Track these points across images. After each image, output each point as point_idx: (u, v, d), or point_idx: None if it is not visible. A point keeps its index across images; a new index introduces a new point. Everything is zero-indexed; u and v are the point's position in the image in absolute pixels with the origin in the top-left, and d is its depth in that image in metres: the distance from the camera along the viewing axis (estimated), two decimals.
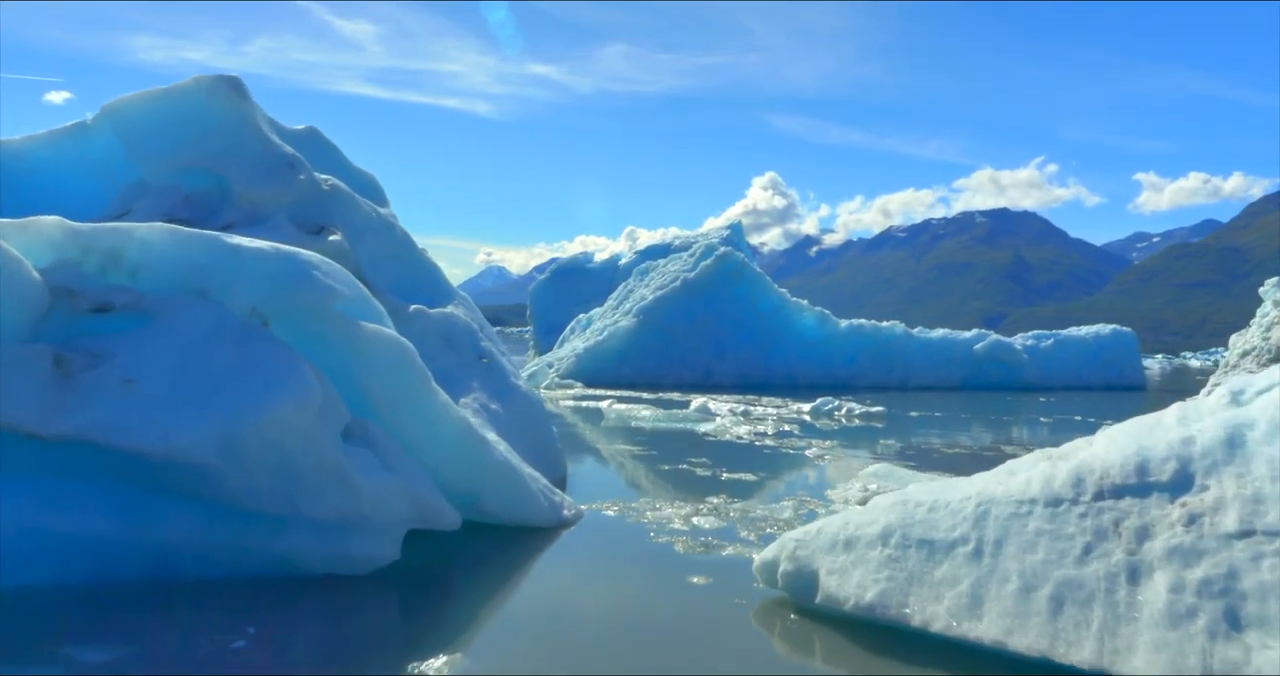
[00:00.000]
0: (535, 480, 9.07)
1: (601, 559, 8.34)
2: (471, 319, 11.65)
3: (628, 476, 12.96)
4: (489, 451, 8.37)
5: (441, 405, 7.98)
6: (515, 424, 10.55)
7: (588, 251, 60.78)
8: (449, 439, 8.03)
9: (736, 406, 22.90)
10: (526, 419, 11.05)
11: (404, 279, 11.28)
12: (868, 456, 15.47)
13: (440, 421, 7.96)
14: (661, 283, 35.44)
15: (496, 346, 12.22)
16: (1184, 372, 74.75)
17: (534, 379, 29.51)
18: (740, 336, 35.29)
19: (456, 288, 12.55)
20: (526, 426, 10.95)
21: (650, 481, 12.40)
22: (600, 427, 19.08)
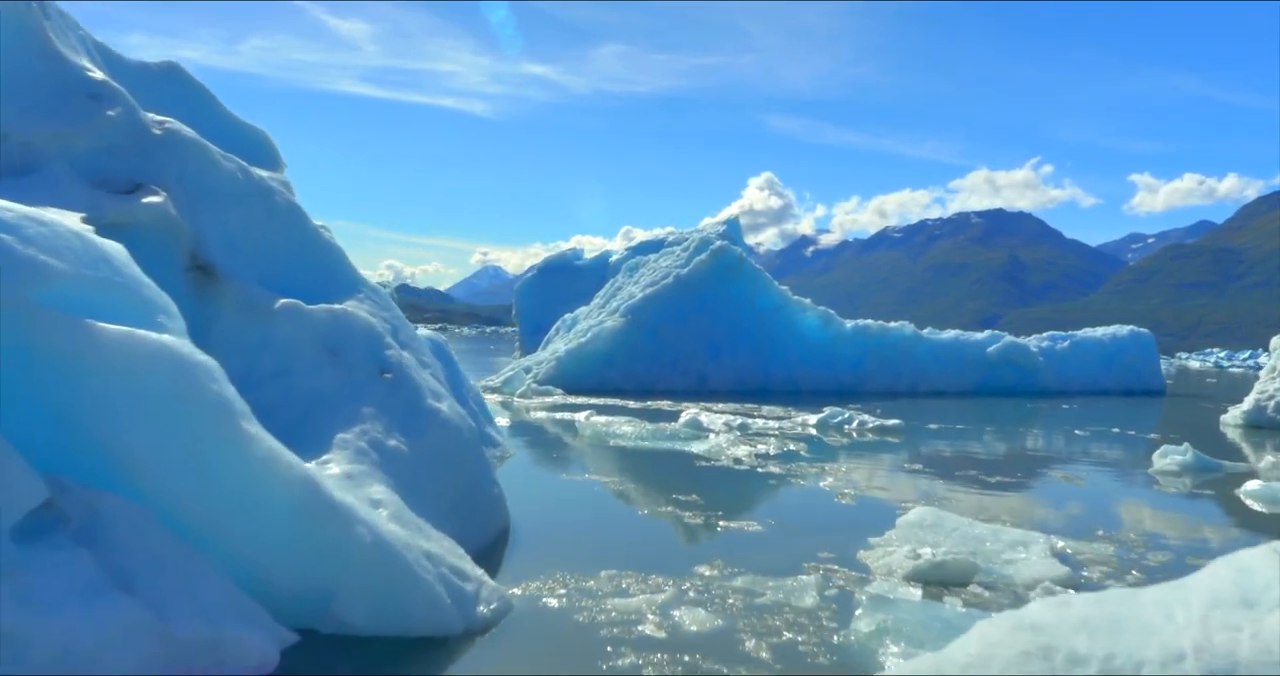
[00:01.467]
0: (434, 562, 6.02)
1: None
2: (381, 319, 8.64)
3: (591, 530, 9.87)
4: (347, 525, 5.32)
5: (261, 458, 4.95)
6: (426, 467, 7.52)
7: (577, 248, 57.70)
8: (275, 511, 5.01)
9: (733, 419, 19.88)
10: (445, 457, 8.03)
11: (281, 264, 8.27)
12: (895, 488, 12.47)
13: (259, 484, 4.92)
14: (652, 279, 32.42)
15: (419, 355, 9.23)
16: (1186, 374, 72.13)
17: (509, 385, 26.49)
18: (737, 338, 32.28)
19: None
20: (445, 469, 7.92)
21: (621, 538, 9.36)
22: (571, 448, 16.06)
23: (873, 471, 14.20)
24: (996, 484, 13.34)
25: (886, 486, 12.57)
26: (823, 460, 14.93)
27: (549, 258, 56.58)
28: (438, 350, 13.84)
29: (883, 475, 13.93)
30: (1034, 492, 13.13)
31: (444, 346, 14.03)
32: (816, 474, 13.28)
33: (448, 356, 13.89)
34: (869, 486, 12.44)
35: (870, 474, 13.88)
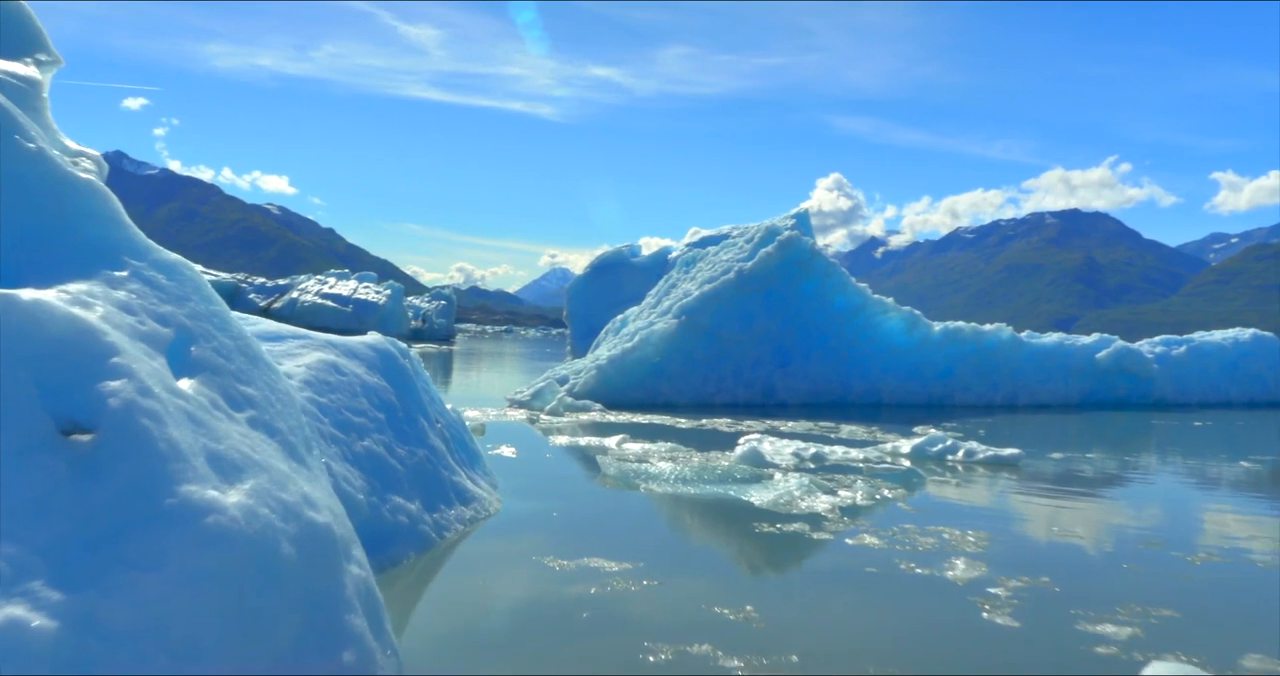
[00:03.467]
0: None
1: None
2: (146, 316, 4.55)
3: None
4: None
5: None
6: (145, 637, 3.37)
7: (634, 244, 53.51)
8: None
9: (804, 447, 15.51)
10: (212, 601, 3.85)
11: None
12: (1081, 593, 8.02)
13: None
14: (711, 275, 28.06)
15: (247, 382, 5.10)
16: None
17: (539, 398, 22.35)
18: (809, 343, 27.79)
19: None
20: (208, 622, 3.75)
21: None
22: (583, 497, 11.84)
23: (1023, 547, 9.73)
24: (1245, 577, 8.84)
25: (1068, 586, 8.12)
26: (937, 521, 10.50)
27: (603, 254, 52.50)
28: (387, 361, 9.75)
29: (1043, 556, 9.47)
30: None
31: (394, 357, 9.90)
32: (937, 552, 8.87)
33: (398, 371, 9.77)
34: (1034, 583, 8.01)
35: (1023, 552, 9.43)
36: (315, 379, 8.31)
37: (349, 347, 9.44)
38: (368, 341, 9.90)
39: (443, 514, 8.93)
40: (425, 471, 9.07)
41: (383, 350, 9.86)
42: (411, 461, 8.89)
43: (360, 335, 29.21)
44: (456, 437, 10.96)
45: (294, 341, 8.89)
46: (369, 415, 8.68)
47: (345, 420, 8.25)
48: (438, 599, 7.31)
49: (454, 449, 10.48)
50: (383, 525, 7.85)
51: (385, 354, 9.83)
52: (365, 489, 7.80)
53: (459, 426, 11.32)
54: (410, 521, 8.24)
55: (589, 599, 7.01)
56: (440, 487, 9.24)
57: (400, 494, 8.36)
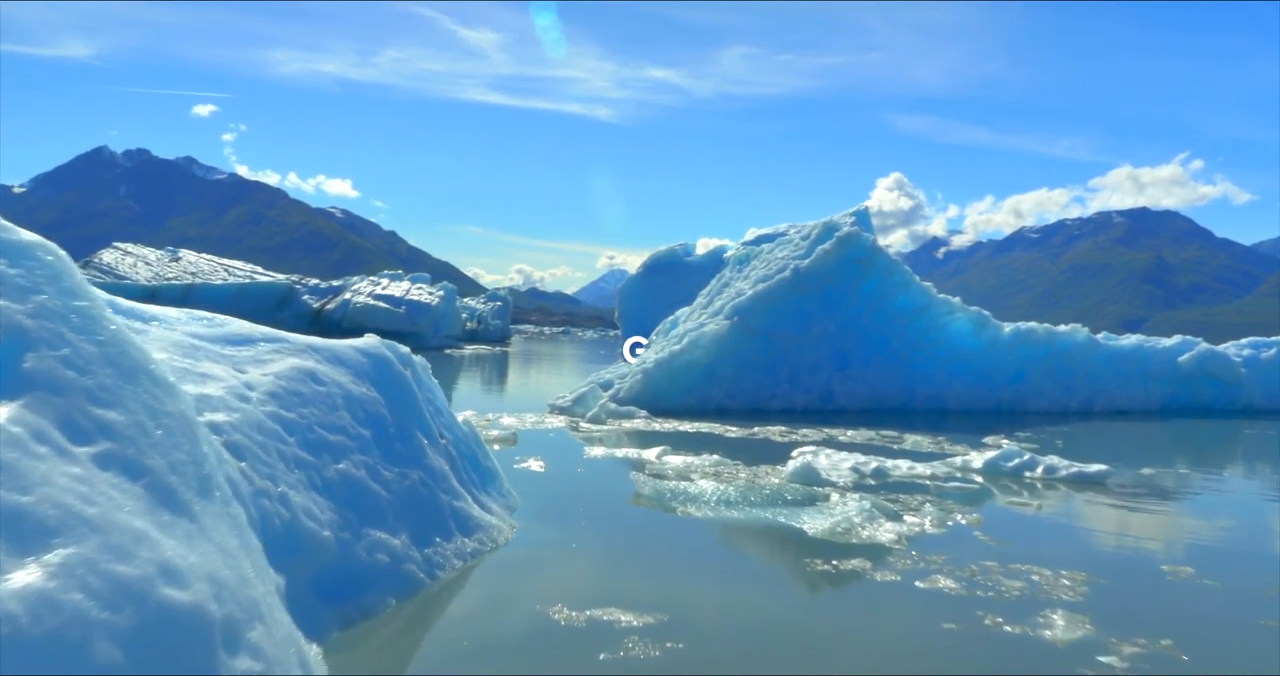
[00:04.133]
0: None
1: None
2: None
3: None
4: None
5: None
6: None
7: (688, 244, 52.05)
8: None
9: (864, 461, 14.00)
10: None
11: None
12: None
13: None
14: (765, 273, 26.53)
15: None
16: None
17: (581, 405, 21.03)
18: (870, 345, 26.14)
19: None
20: None
21: None
22: (611, 521, 10.44)
23: (1130, 593, 8.15)
24: None
25: (1198, 652, 6.56)
26: (1020, 555, 8.98)
27: (656, 254, 51.12)
28: (380, 369, 8.46)
29: (1158, 607, 7.90)
30: None
31: (390, 364, 8.60)
32: (1027, 600, 7.35)
33: (393, 380, 8.47)
34: (1155, 647, 6.47)
35: (1131, 602, 7.86)
36: (284, 390, 7.04)
37: (335, 353, 8.17)
38: (360, 346, 8.62)
39: (438, 548, 7.61)
40: (419, 497, 7.76)
41: (376, 355, 8.58)
42: (401, 486, 7.59)
43: (414, 337, 27.91)
44: (467, 454, 9.65)
45: (265, 345, 7.63)
46: (350, 432, 7.39)
47: (318, 439, 6.96)
48: (407, 663, 5.98)
49: (462, 468, 9.17)
50: (355, 566, 6.54)
51: (379, 360, 8.55)
52: (334, 523, 6.50)
53: (471, 441, 10.01)
54: (393, 560, 6.92)
55: (595, 667, 5.63)
56: (437, 516, 7.92)
57: (382, 526, 7.05)
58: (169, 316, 7.45)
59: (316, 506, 6.41)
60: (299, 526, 6.07)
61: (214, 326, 7.65)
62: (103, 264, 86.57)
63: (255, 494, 5.77)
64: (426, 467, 8.15)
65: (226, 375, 6.77)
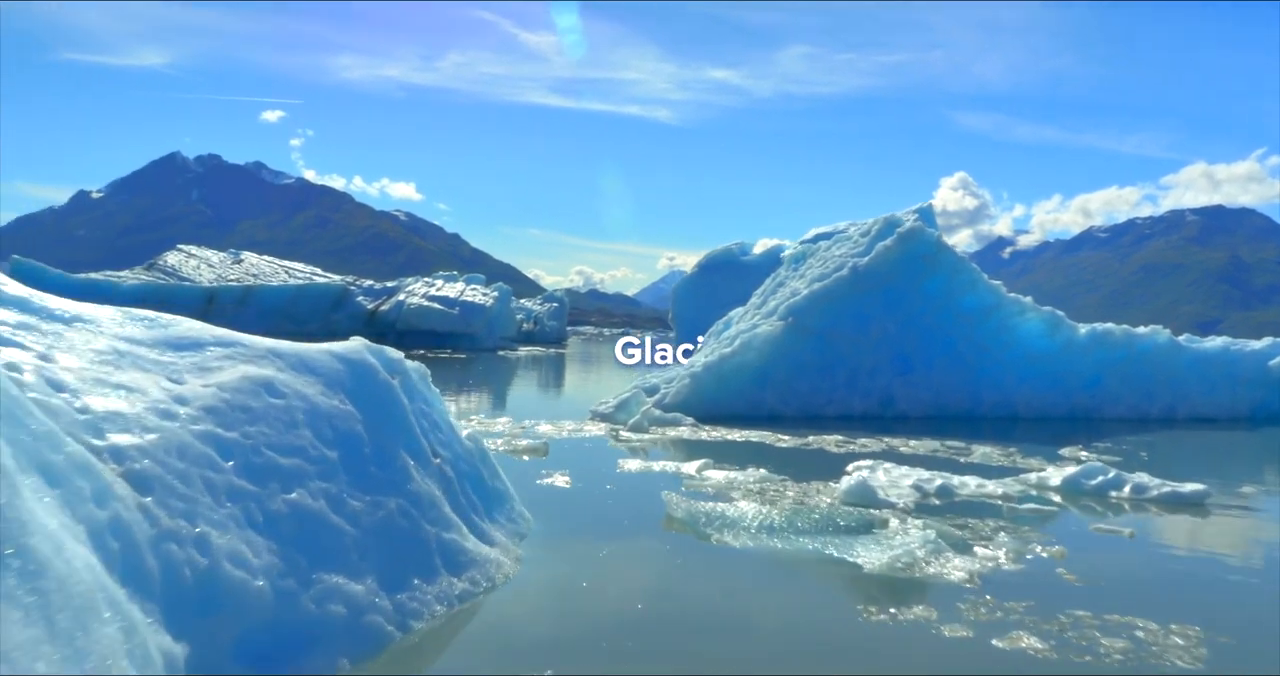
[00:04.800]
0: None
1: None
2: None
3: None
4: None
5: None
6: None
7: (744, 243, 50.62)
8: None
9: (928, 479, 12.58)
10: None
11: None
12: None
13: None
14: (822, 272, 25.07)
15: None
16: None
17: (623, 411, 19.78)
18: (934, 348, 24.55)
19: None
20: None
21: None
22: (635, 550, 9.14)
23: (1260, 653, 6.70)
24: None
25: None
26: (1117, 600, 7.55)
27: (712, 253, 49.75)
28: (360, 378, 7.30)
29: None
30: None
31: (372, 372, 7.43)
32: (1134, 665, 5.98)
33: (375, 390, 7.31)
34: None
35: (1264, 669, 6.43)
36: (227, 404, 5.89)
37: (304, 359, 7.03)
38: (339, 350, 7.47)
39: (415, 593, 6.41)
40: (396, 531, 6.58)
41: (356, 362, 7.42)
42: (373, 518, 6.41)
43: (468, 338, 26.24)
44: (469, 474, 8.46)
45: (215, 350, 6.49)
46: (310, 454, 6.23)
47: (265, 463, 5.81)
48: None
49: (460, 492, 7.98)
50: (299, 621, 5.35)
51: (359, 367, 7.39)
52: (274, 568, 5.33)
53: (475, 459, 8.82)
54: (352, 611, 5.73)
55: None
56: (418, 552, 6.73)
57: (342, 569, 5.87)
58: (99, 317, 6.35)
59: (250, 549, 5.24)
60: (220, 576, 4.90)
61: (155, 328, 6.54)
62: (167, 266, 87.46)
63: (157, 538, 4.62)
64: (409, 494, 6.96)
65: (152, 387, 5.63)
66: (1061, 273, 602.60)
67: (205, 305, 63.93)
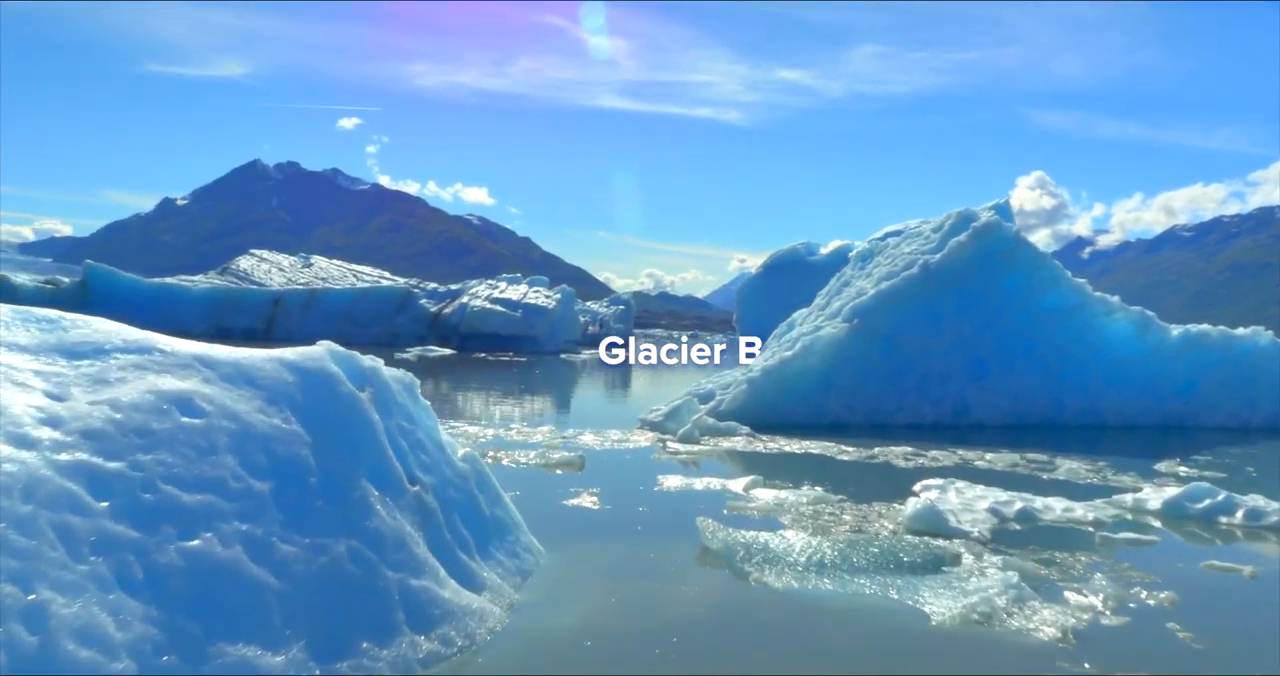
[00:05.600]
0: None
1: None
2: None
3: None
4: None
5: None
6: None
7: (810, 242, 48.94)
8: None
9: (1006, 501, 11.06)
10: None
11: None
12: None
13: None
14: (890, 270, 23.46)
15: None
16: None
17: (674, 419, 18.44)
18: (1013, 350, 22.80)
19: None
20: None
21: None
22: (649, 594, 7.80)
23: None
24: None
25: None
26: (1244, 667, 6.05)
27: (777, 253, 48.18)
28: (314, 390, 6.10)
29: None
30: None
31: (330, 384, 6.21)
32: None
33: (332, 406, 6.09)
34: None
35: None
36: (119, 426, 4.71)
37: (242, 368, 5.84)
38: (291, 358, 6.26)
39: (365, 658, 5.16)
40: (343, 580, 5.34)
41: (313, 371, 6.21)
42: (312, 566, 5.19)
43: (531, 341, 24.36)
44: (460, 503, 7.22)
45: (123, 357, 5.33)
46: (231, 487, 5.03)
47: (160, 502, 4.61)
48: None
49: (445, 526, 6.73)
50: None
51: (315, 378, 6.18)
52: (150, 641, 4.11)
53: (472, 483, 7.57)
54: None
55: None
56: (374, 605, 5.48)
57: (256, 636, 4.64)
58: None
59: (115, 618, 4.03)
60: (58, 656, 3.70)
61: (54, 330, 5.40)
62: (239, 270, 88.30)
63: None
64: (367, 532, 5.72)
65: (17, 404, 4.47)
66: (1143, 273, 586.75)
67: (271, 308, 64.11)
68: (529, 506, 10.02)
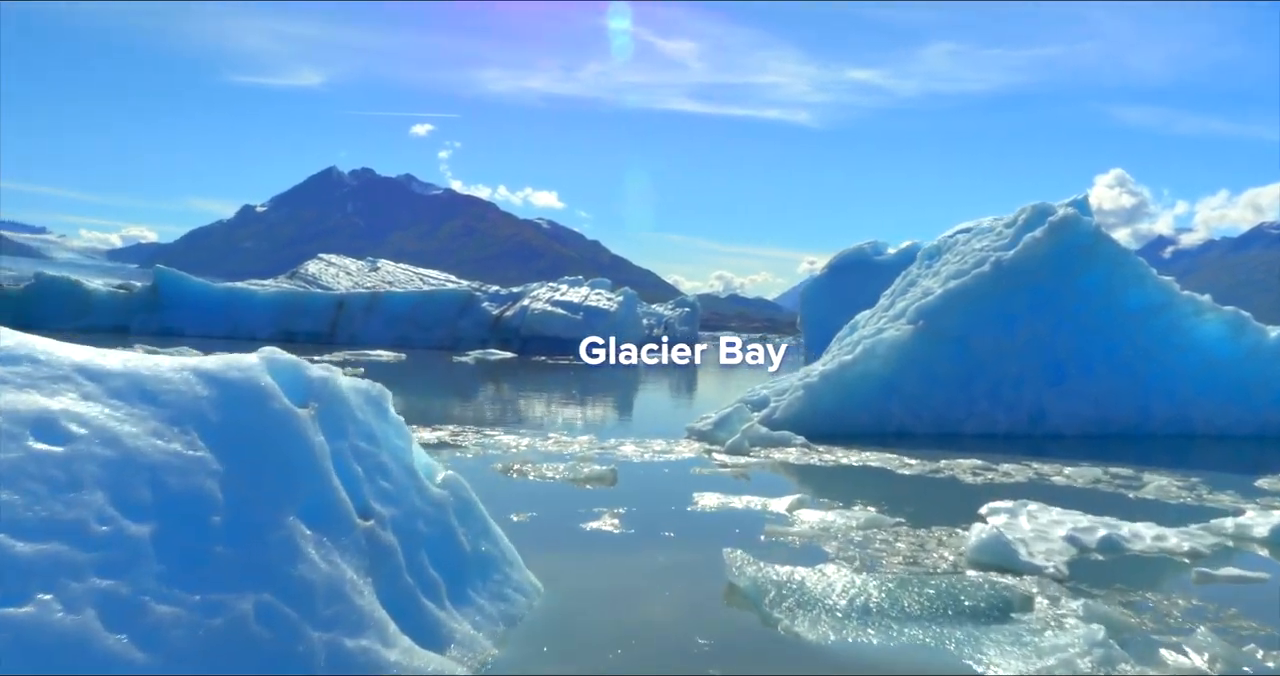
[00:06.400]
0: None
1: None
2: None
3: None
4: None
5: None
6: None
7: (877, 241, 47.23)
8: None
9: (1088, 528, 9.69)
10: None
11: None
12: None
13: None
14: (960, 268, 21.97)
15: None
16: None
17: (723, 428, 17.23)
18: (1093, 353, 21.15)
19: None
20: None
21: None
22: (653, 647, 6.60)
23: None
24: None
25: None
26: None
27: (843, 253, 46.62)
28: (238, 407, 5.05)
29: None
30: None
31: (261, 399, 5.15)
32: None
33: (259, 426, 5.03)
34: None
35: None
36: None
37: (138, 382, 4.81)
38: (211, 368, 5.22)
39: None
40: (244, 646, 4.27)
41: (236, 384, 5.16)
42: (199, 632, 4.12)
43: None
44: (432, 539, 6.14)
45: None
46: (91, 532, 4.00)
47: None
48: None
49: (405, 567, 5.65)
50: None
51: (238, 392, 5.13)
52: None
53: (451, 514, 6.48)
54: None
55: None
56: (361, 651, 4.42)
57: None
58: None
59: None
60: None
61: None
62: (307, 274, 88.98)
63: None
64: (289, 583, 4.66)
65: None
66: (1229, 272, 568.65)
67: (335, 311, 64.10)
68: (539, 530, 8.94)
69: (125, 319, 57.32)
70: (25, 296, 58.05)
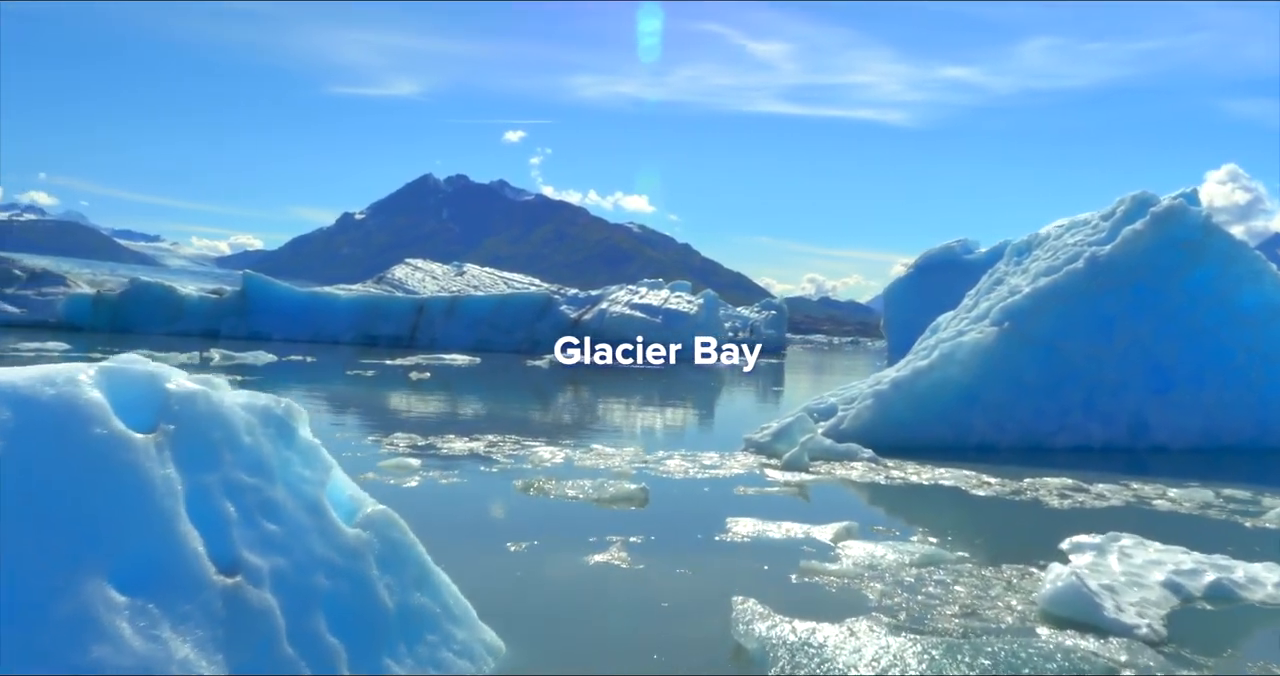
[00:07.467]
0: None
1: None
2: None
3: None
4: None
5: None
6: None
7: (966, 240, 45.05)
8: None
9: (1191, 569, 8.04)
10: None
11: None
12: None
13: None
14: (1050, 265, 20.09)
15: None
16: None
17: (783, 440, 15.72)
18: (1203, 359, 19.09)
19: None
20: None
21: None
22: None
23: None
24: None
25: None
26: None
27: (929, 252, 44.49)
28: (36, 430, 3.87)
29: None
30: None
31: (61, 423, 3.99)
32: None
33: (54, 454, 3.85)
34: None
35: None
36: None
37: None
38: (10, 381, 4.05)
39: None
40: None
41: (43, 403, 3.97)
42: None
43: None
44: (336, 594, 4.89)
45: None
46: None
47: None
48: None
49: (281, 634, 4.40)
50: None
51: (45, 412, 3.95)
52: None
53: (368, 561, 5.22)
54: None
55: None
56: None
57: None
58: None
59: None
60: None
61: None
62: (393, 278, 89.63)
63: None
64: (79, 670, 3.45)
65: None
66: None
67: (415, 315, 63.96)
68: (527, 567, 7.67)
69: (216, 323, 58.19)
70: (122, 302, 59.31)
